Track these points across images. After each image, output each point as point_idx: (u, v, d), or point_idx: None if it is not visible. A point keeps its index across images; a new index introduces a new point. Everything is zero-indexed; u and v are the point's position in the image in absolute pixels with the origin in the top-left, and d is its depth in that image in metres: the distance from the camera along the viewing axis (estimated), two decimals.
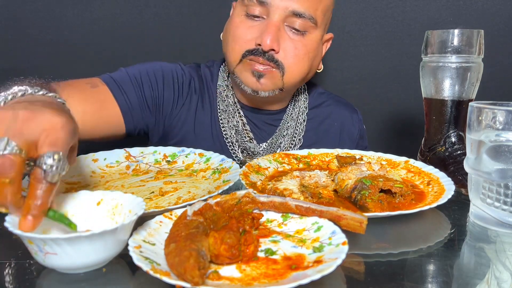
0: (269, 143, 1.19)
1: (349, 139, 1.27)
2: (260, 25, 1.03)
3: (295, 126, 1.21)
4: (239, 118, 1.16)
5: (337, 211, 0.63)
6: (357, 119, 1.30)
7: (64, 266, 0.54)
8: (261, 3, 1.01)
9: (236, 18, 1.06)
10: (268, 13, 1.01)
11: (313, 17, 1.02)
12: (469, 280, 0.57)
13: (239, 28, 1.05)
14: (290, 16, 1.01)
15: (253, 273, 0.53)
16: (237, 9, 1.08)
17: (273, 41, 1.00)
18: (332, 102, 1.30)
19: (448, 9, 1.65)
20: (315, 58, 1.11)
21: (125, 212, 0.62)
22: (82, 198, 0.64)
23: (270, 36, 0.99)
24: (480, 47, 0.96)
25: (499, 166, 0.68)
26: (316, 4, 1.03)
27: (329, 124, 1.26)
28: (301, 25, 1.02)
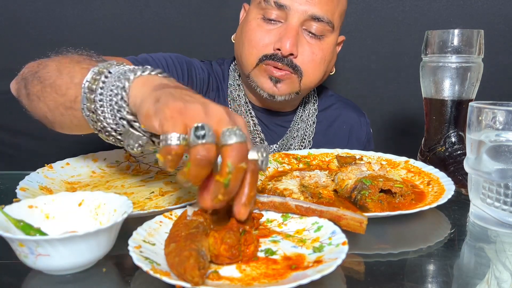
0: (280, 145, 1.19)
1: (357, 142, 1.28)
2: (278, 29, 1.02)
3: (305, 128, 1.21)
4: (250, 119, 1.16)
5: (337, 211, 0.63)
6: (365, 122, 1.31)
7: (56, 267, 0.54)
8: (280, 7, 1.00)
9: (252, 22, 1.05)
10: (286, 17, 1.01)
11: (331, 21, 1.03)
12: (469, 280, 0.57)
13: (256, 32, 1.04)
14: (308, 20, 1.01)
15: (253, 273, 0.53)
16: (253, 12, 1.06)
17: (292, 46, 0.99)
18: (341, 105, 1.30)
19: (448, 9, 1.65)
20: (331, 62, 1.11)
21: (109, 212, 0.62)
22: (62, 199, 0.64)
23: (289, 40, 0.99)
24: (480, 47, 0.96)
25: (499, 166, 0.68)
26: (334, 8, 1.03)
27: (338, 127, 1.27)
28: (318, 29, 1.03)
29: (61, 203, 0.63)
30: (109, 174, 0.95)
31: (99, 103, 0.64)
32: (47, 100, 0.73)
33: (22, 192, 0.75)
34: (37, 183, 0.81)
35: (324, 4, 1.01)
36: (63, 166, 0.92)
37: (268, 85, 1.05)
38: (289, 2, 1.00)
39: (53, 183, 0.85)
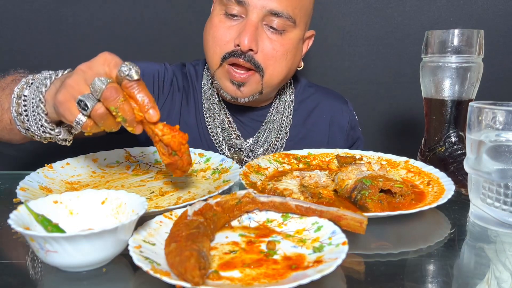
0: (256, 138, 1.18)
1: (339, 131, 1.26)
2: (238, 25, 1.02)
3: (281, 119, 1.20)
4: (225, 116, 1.16)
5: (337, 211, 0.63)
6: (347, 109, 1.28)
7: (64, 264, 0.54)
8: (239, 3, 1.00)
9: (215, 18, 1.05)
10: (246, 12, 1.01)
11: (291, 16, 1.01)
12: (469, 280, 0.57)
13: (218, 29, 1.04)
14: (268, 15, 1.00)
15: (253, 273, 0.53)
16: (216, 8, 1.06)
17: (251, 41, 0.99)
18: (321, 94, 1.29)
19: (448, 9, 1.65)
20: (295, 57, 1.09)
21: (128, 212, 0.62)
22: (87, 196, 0.65)
23: (247, 36, 0.99)
24: (480, 47, 0.96)
25: (499, 166, 0.68)
26: (295, 3, 1.02)
27: (317, 117, 1.25)
28: (279, 24, 1.01)
29: (85, 200, 0.64)
30: (109, 174, 0.95)
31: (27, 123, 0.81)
32: None
33: (22, 192, 0.75)
34: (37, 183, 0.81)
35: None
36: (63, 166, 0.92)
37: (231, 88, 1.05)
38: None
39: (53, 183, 0.85)
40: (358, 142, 1.31)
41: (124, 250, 0.56)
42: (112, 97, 0.65)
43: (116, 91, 0.66)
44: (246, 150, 1.16)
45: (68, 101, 0.68)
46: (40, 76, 0.81)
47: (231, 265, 0.55)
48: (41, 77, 0.81)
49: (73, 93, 0.68)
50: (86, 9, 1.64)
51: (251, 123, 1.20)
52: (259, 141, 1.18)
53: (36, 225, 0.58)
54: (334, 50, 1.71)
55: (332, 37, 1.70)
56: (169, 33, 1.67)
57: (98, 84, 0.65)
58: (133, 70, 0.66)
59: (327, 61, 1.72)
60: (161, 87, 1.17)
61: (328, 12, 1.68)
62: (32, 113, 0.79)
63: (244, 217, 0.68)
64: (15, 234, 0.68)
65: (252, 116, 1.19)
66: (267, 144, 1.18)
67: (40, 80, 0.80)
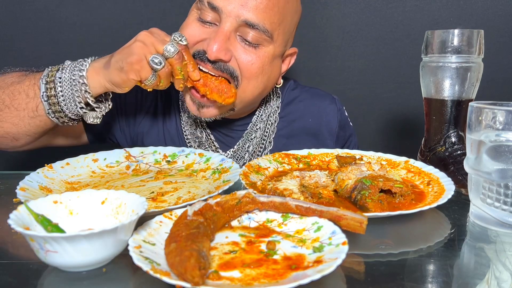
0: (236, 149, 1.13)
1: (328, 133, 1.20)
2: (211, 30, 0.95)
3: (264, 128, 1.14)
4: (202, 129, 1.11)
5: (337, 211, 0.63)
6: (335, 109, 1.20)
7: (64, 264, 0.54)
8: (213, 8, 0.93)
9: (189, 19, 0.99)
10: (220, 20, 0.94)
11: (267, 30, 0.94)
12: (469, 280, 0.57)
13: (189, 28, 0.97)
14: (243, 26, 0.93)
15: (253, 273, 0.53)
16: (192, 10, 1.00)
17: (219, 50, 0.92)
18: (306, 96, 1.21)
19: (448, 9, 1.65)
20: (271, 74, 1.02)
21: (128, 212, 0.62)
22: (87, 196, 0.65)
23: (216, 44, 0.91)
24: (480, 47, 0.96)
25: (499, 166, 0.68)
26: (273, 17, 0.94)
27: (304, 121, 1.18)
28: (254, 37, 0.94)
29: (85, 200, 0.64)
30: (109, 174, 0.95)
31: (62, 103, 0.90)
32: (9, 119, 0.92)
33: (22, 192, 0.75)
34: (37, 183, 0.82)
35: (261, 11, 0.92)
36: (63, 166, 0.92)
37: (191, 106, 1.00)
38: (221, 5, 0.92)
39: (53, 183, 0.85)
40: (351, 138, 1.26)
41: (124, 250, 0.56)
42: (180, 59, 0.87)
43: (183, 55, 0.88)
44: None
45: (141, 61, 0.84)
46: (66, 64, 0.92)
47: (231, 265, 0.55)
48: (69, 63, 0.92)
49: (145, 53, 0.85)
50: (86, 9, 1.64)
51: (231, 134, 1.14)
52: (238, 153, 1.13)
53: (36, 225, 0.58)
54: (334, 50, 1.71)
55: (332, 37, 1.70)
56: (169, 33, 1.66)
57: (171, 49, 0.86)
58: (183, 37, 0.88)
59: (327, 61, 1.72)
60: (144, 96, 1.14)
61: (328, 12, 1.68)
62: (70, 91, 0.89)
63: (244, 217, 0.68)
64: (15, 234, 0.68)
65: (233, 127, 1.13)
66: (248, 155, 1.13)
67: (72, 65, 0.91)
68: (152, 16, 1.65)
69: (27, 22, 1.63)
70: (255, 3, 0.92)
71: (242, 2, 0.92)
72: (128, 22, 1.65)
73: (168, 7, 1.65)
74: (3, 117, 0.92)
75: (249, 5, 0.92)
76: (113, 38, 1.65)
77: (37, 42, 1.64)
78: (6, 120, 0.93)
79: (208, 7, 0.94)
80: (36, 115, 0.92)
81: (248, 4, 0.92)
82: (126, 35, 1.63)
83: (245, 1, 0.92)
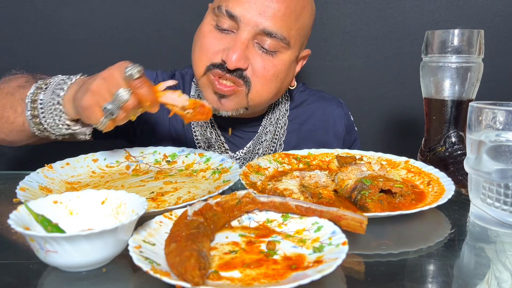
0: (246, 151, 1.14)
1: (334, 137, 1.22)
2: (228, 38, 0.95)
3: (274, 131, 1.15)
4: (212, 129, 1.12)
5: (337, 211, 0.63)
6: (342, 113, 1.23)
7: (64, 264, 0.54)
8: (231, 17, 0.93)
9: (205, 26, 0.99)
10: (238, 28, 0.94)
11: (285, 37, 0.95)
12: (469, 280, 0.57)
13: (206, 38, 0.97)
14: (261, 34, 0.93)
15: (253, 273, 0.53)
16: (208, 17, 1.00)
17: (239, 60, 0.92)
18: (314, 99, 1.23)
19: (448, 9, 1.65)
20: (285, 79, 1.03)
21: (128, 212, 0.62)
22: (87, 196, 0.65)
23: (236, 54, 0.92)
24: (480, 47, 0.96)
25: (499, 166, 0.68)
26: (291, 24, 0.95)
27: (311, 124, 1.20)
28: (271, 45, 0.95)
29: (85, 200, 0.64)
30: (109, 174, 0.95)
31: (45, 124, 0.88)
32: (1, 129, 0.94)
33: (22, 192, 0.75)
34: (37, 183, 0.82)
35: (279, 19, 0.93)
36: (63, 166, 0.92)
37: (212, 97, 0.99)
38: (240, 13, 0.92)
39: (53, 183, 0.85)
40: (355, 143, 1.29)
41: (124, 250, 0.56)
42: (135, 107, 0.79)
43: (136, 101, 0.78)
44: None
45: (92, 106, 0.78)
46: (53, 80, 0.89)
47: (231, 265, 0.55)
48: (54, 81, 0.89)
49: (98, 100, 0.78)
50: (86, 9, 1.64)
51: (242, 134, 1.15)
52: (249, 155, 1.14)
53: (36, 225, 0.58)
54: (334, 50, 1.71)
55: (332, 37, 1.70)
56: (167, 36, 1.67)
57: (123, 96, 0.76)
58: (134, 70, 0.77)
59: (327, 61, 1.72)
60: None
61: (328, 12, 1.68)
62: (50, 115, 0.87)
63: (244, 217, 0.68)
64: (15, 234, 0.68)
65: (243, 128, 1.14)
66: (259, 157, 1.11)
67: (55, 84, 0.88)
68: (152, 16, 1.65)
69: (27, 22, 1.63)
70: (273, 11, 0.92)
71: (260, 10, 0.92)
72: (128, 22, 1.65)
73: (168, 7, 1.65)
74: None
75: (267, 14, 0.92)
76: (113, 38, 1.65)
77: (37, 42, 1.64)
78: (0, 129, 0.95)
79: (226, 15, 0.94)
80: (24, 129, 0.92)
81: (266, 12, 0.92)
82: (126, 35, 1.65)
83: (263, 10, 0.92)
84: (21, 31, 1.64)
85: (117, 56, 1.64)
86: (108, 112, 0.77)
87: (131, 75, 0.77)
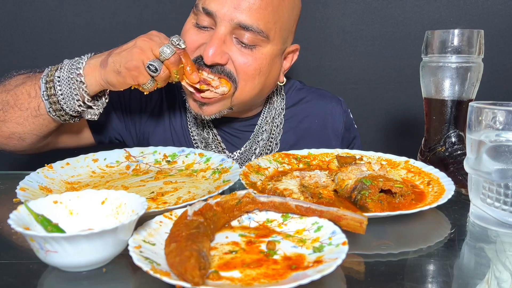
0: (243, 151, 1.14)
1: (333, 134, 1.21)
2: (207, 34, 0.97)
3: (270, 130, 1.15)
4: (209, 129, 1.12)
5: (337, 211, 0.63)
6: (341, 111, 1.22)
7: (64, 264, 0.54)
8: (208, 14, 0.94)
9: (186, 26, 1.01)
10: (215, 24, 0.95)
11: (262, 30, 0.94)
12: (469, 280, 0.57)
13: (186, 36, 0.99)
14: (238, 28, 0.93)
15: (253, 273, 0.53)
16: (190, 16, 1.01)
17: (215, 55, 0.93)
18: (313, 97, 1.22)
19: (448, 9, 1.65)
20: (270, 74, 1.02)
21: (128, 212, 0.62)
22: (86, 196, 0.65)
23: (212, 49, 0.92)
24: (480, 47, 0.96)
25: (499, 166, 0.68)
26: (267, 17, 0.94)
27: (309, 122, 1.19)
28: (249, 39, 0.94)
29: (85, 200, 0.64)
30: (109, 174, 0.95)
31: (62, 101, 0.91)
32: (13, 119, 0.94)
33: (22, 192, 0.75)
34: (37, 183, 0.81)
35: (254, 12, 0.93)
36: (63, 166, 0.92)
37: (193, 105, 1.01)
38: (215, 9, 0.93)
39: (53, 183, 0.85)
40: (355, 141, 1.27)
41: (124, 250, 0.56)
42: (176, 62, 0.87)
43: (179, 58, 0.88)
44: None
45: (139, 67, 0.86)
46: (66, 62, 0.93)
47: (231, 265, 0.55)
48: (68, 62, 0.93)
49: (143, 59, 0.86)
50: (86, 9, 1.64)
51: (238, 134, 1.15)
52: (246, 154, 1.14)
53: (36, 225, 0.58)
54: (334, 50, 1.71)
55: (332, 37, 1.70)
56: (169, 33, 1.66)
57: (167, 51, 0.85)
58: (182, 41, 0.87)
59: (327, 61, 1.72)
60: (148, 96, 1.14)
61: (328, 12, 1.68)
62: (69, 90, 0.91)
63: (244, 217, 0.68)
64: (15, 234, 0.68)
65: (239, 127, 1.14)
66: (255, 157, 1.14)
67: (69, 64, 0.92)
68: (152, 17, 1.65)
69: (27, 22, 1.63)
70: (247, 4, 0.92)
71: (235, 4, 0.92)
72: (128, 22, 1.65)
73: (168, 7, 1.65)
74: (8, 117, 0.94)
75: (241, 7, 0.92)
76: (113, 38, 1.65)
77: (37, 42, 1.64)
78: (11, 120, 0.94)
79: (203, 12, 0.95)
80: (38, 114, 0.93)
81: (241, 6, 0.92)
82: (126, 35, 1.63)
83: (238, 4, 0.92)
84: (21, 31, 1.64)
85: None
86: (153, 68, 0.85)
87: (180, 44, 0.87)
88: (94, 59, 0.92)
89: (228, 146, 1.15)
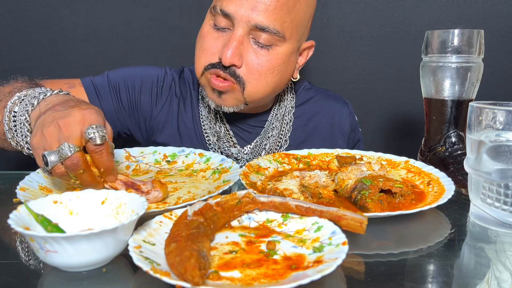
0: (253, 146, 1.16)
1: (340, 134, 1.24)
2: (225, 37, 0.98)
3: (280, 127, 1.17)
4: (221, 123, 1.14)
5: (337, 211, 0.63)
6: (347, 112, 1.26)
7: (64, 264, 0.54)
8: (226, 16, 0.96)
9: (205, 27, 1.02)
10: (233, 25, 0.96)
11: (279, 31, 0.96)
12: (469, 280, 0.57)
13: (205, 39, 1.01)
14: (254, 29, 0.95)
15: (253, 273, 0.53)
16: (207, 17, 1.03)
17: (233, 56, 0.94)
18: (321, 97, 1.26)
19: (448, 9, 1.65)
20: (284, 72, 1.04)
21: (128, 212, 0.62)
22: (86, 196, 0.65)
23: (230, 51, 0.94)
24: (480, 47, 0.96)
25: (499, 166, 0.68)
26: (284, 17, 0.96)
27: (317, 121, 1.22)
28: (266, 39, 0.96)
29: (85, 200, 0.64)
30: None
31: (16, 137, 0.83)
32: None
33: (22, 192, 0.75)
34: (37, 183, 0.81)
35: (271, 13, 0.94)
36: None
37: (213, 95, 1.02)
38: (233, 10, 0.94)
39: (53, 183, 0.85)
40: (359, 144, 1.30)
41: (124, 250, 0.56)
42: (72, 167, 0.70)
43: (78, 162, 0.70)
44: (243, 159, 1.15)
45: (38, 149, 0.73)
46: (31, 93, 0.84)
47: (231, 265, 0.55)
48: (32, 95, 0.83)
49: (44, 145, 0.72)
50: (86, 9, 1.64)
51: (249, 129, 1.17)
52: (256, 149, 1.16)
53: (36, 225, 0.58)
54: (334, 50, 1.71)
55: (332, 37, 1.70)
56: (169, 33, 1.67)
57: (65, 151, 0.69)
58: (97, 135, 0.69)
59: (327, 61, 1.72)
60: (159, 93, 1.16)
61: (328, 12, 1.68)
62: (20, 129, 0.83)
63: (244, 217, 0.68)
64: (15, 234, 0.68)
65: (250, 123, 1.17)
66: (265, 152, 1.16)
67: (30, 98, 0.83)
68: (152, 16, 1.65)
69: (27, 22, 1.63)
70: (264, 6, 0.93)
71: (251, 6, 0.93)
72: (128, 22, 1.65)
73: (168, 7, 1.65)
74: None
75: (258, 9, 0.94)
76: (113, 38, 1.65)
77: (37, 42, 1.64)
78: None
79: (221, 14, 0.96)
80: (4, 139, 0.88)
81: (258, 7, 0.93)
82: (126, 35, 1.65)
83: (254, 5, 0.93)
84: (21, 31, 1.64)
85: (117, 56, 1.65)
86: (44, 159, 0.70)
87: (93, 139, 0.69)
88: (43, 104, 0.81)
89: (239, 140, 1.17)
